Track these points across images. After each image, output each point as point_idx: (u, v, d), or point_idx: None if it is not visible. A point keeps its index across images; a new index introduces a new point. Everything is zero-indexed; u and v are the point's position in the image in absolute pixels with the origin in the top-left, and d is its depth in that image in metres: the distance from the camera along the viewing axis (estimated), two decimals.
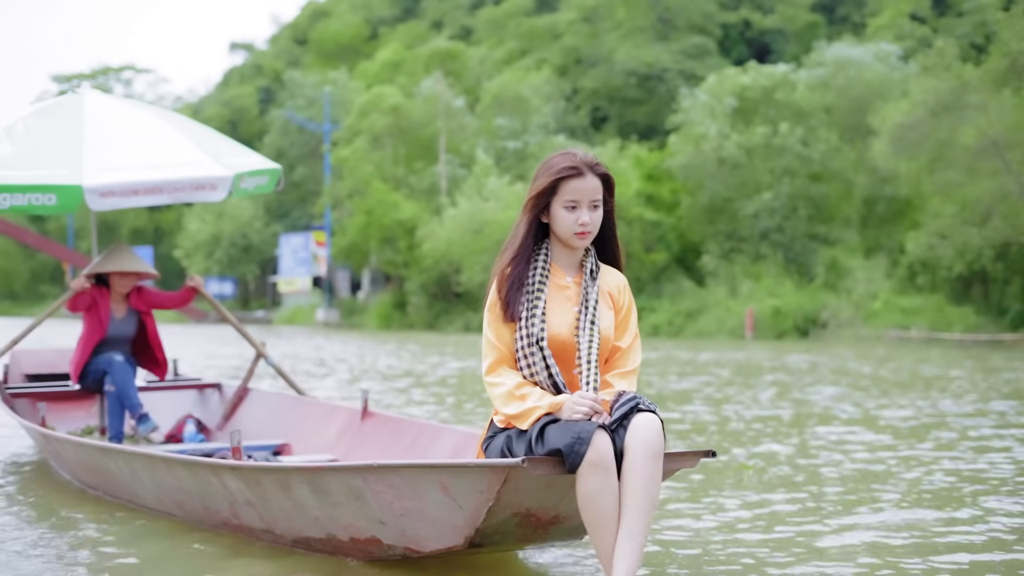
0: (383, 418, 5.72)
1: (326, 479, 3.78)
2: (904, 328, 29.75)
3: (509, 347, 3.54)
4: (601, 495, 3.24)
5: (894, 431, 8.38)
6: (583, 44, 52.25)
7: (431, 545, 3.61)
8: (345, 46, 65.60)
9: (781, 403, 10.77)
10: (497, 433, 3.54)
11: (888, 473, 6.25)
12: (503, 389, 3.47)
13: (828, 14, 53.77)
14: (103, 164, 6.04)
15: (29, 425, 5.95)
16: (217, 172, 6.17)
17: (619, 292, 3.63)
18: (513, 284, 3.53)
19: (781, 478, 6.03)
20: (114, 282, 6.43)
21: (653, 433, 3.28)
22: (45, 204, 5.79)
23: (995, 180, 28.63)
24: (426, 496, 3.50)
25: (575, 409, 3.33)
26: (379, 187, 43.33)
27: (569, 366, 3.52)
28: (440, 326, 39.69)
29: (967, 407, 10.37)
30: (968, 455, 7.06)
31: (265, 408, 6.72)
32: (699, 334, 32.27)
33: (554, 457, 3.27)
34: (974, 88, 28.04)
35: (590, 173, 3.51)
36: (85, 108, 6.45)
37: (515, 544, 3.68)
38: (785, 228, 35.04)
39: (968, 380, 14.07)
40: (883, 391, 12.16)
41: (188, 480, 4.55)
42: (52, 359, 7.64)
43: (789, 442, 7.64)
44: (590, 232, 3.53)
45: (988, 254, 28.96)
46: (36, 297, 71.06)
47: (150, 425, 6.23)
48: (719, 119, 35.58)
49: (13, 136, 6.17)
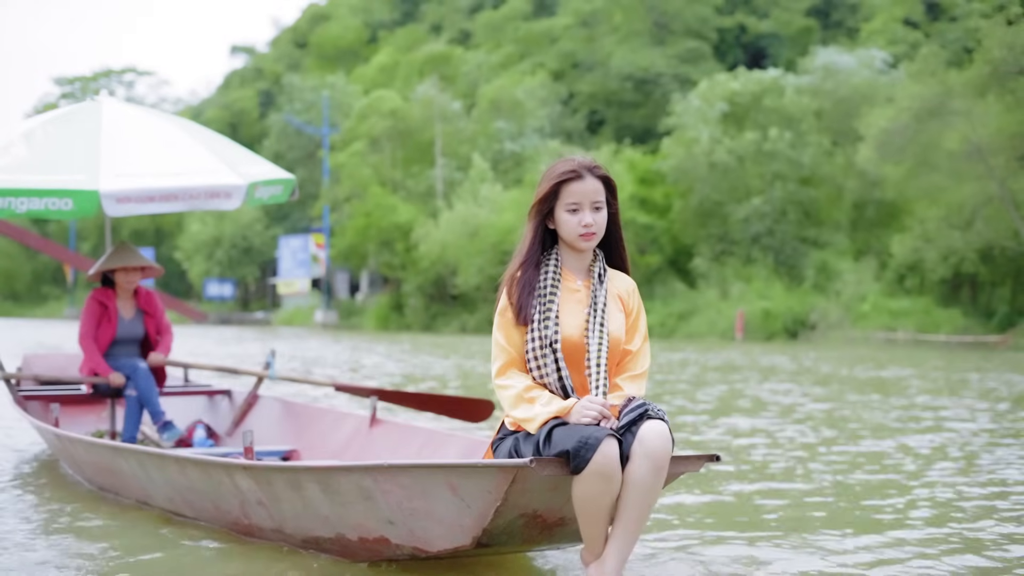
0: (391, 425, 5.78)
1: (337, 479, 3.83)
2: (891, 330, 30.22)
3: (519, 350, 3.59)
4: (599, 501, 3.33)
5: (799, 421, 9.13)
6: (580, 48, 52.66)
7: (439, 545, 3.66)
8: (344, 50, 66.03)
9: (721, 398, 11.40)
10: (507, 435, 3.61)
11: (769, 458, 6.88)
12: (512, 392, 3.54)
13: (823, 19, 54.15)
14: (120, 170, 6.07)
15: (43, 426, 5.99)
16: (232, 181, 6.23)
17: (629, 295, 3.71)
18: (524, 288, 3.59)
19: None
20: (120, 279, 6.50)
21: (661, 442, 3.33)
22: (62, 209, 5.82)
23: (978, 184, 29.13)
24: (435, 496, 3.55)
25: (584, 413, 3.39)
26: (377, 190, 43.84)
27: (578, 368, 3.57)
28: (436, 327, 40.18)
29: (896, 401, 11.07)
30: (849, 441, 7.84)
31: (274, 415, 6.75)
32: (690, 335, 32.71)
33: (561, 459, 3.33)
34: (958, 94, 28.53)
35: (589, 175, 3.59)
36: (103, 115, 6.52)
37: (521, 545, 3.72)
38: (775, 231, 35.48)
39: (924, 379, 14.61)
40: (830, 389, 12.71)
41: (200, 480, 4.59)
42: (64, 363, 7.68)
43: (706, 431, 8.37)
44: (595, 233, 3.60)
45: (971, 257, 29.46)
46: (38, 298, 71.45)
47: (176, 433, 6.25)
48: (710, 124, 36.05)
49: (32, 141, 6.23)
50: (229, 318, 55.24)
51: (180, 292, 65.05)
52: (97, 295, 6.50)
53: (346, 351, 22.72)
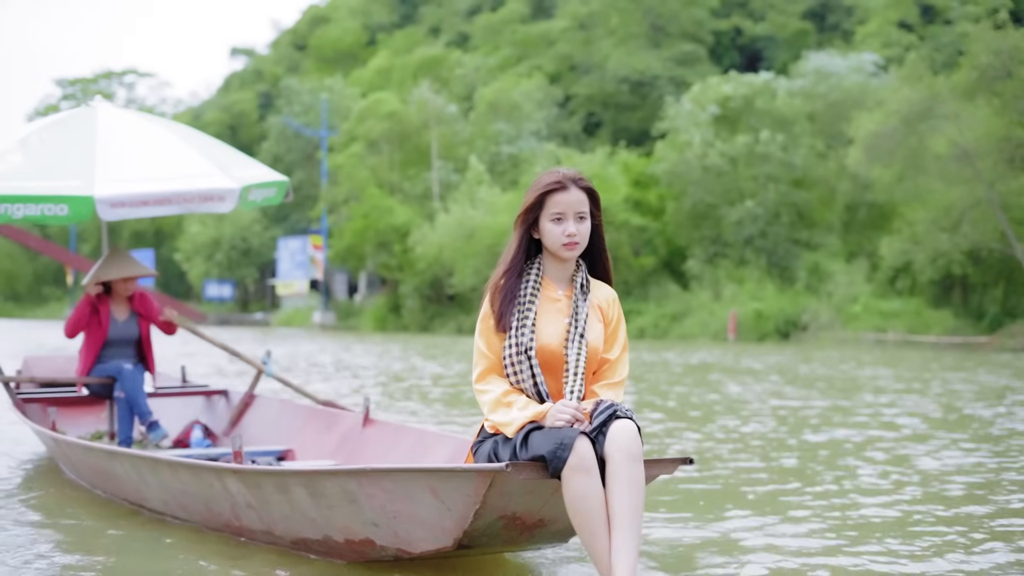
0: (384, 424, 5.89)
1: (322, 482, 3.94)
2: (881, 331, 30.52)
3: (499, 356, 3.70)
4: (587, 498, 3.39)
5: (778, 419, 9.56)
6: (577, 51, 52.94)
7: (422, 546, 3.77)
8: (344, 52, 66.25)
9: (683, 396, 11.88)
10: (486, 438, 3.71)
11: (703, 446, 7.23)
12: (491, 396, 3.65)
13: (818, 21, 54.46)
14: (114, 175, 6.13)
15: (40, 429, 6.05)
16: (225, 184, 6.30)
17: (609, 306, 3.79)
18: (506, 296, 3.69)
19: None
20: (117, 286, 6.64)
21: (630, 438, 3.42)
22: (57, 214, 5.88)
23: (966, 188, 29.45)
24: (417, 499, 3.65)
25: (557, 417, 3.49)
26: (374, 192, 44.19)
27: (557, 376, 3.67)
28: (433, 328, 40.54)
29: (850, 399, 11.51)
30: (781, 432, 8.41)
31: (271, 414, 6.86)
32: (683, 336, 32.98)
33: (538, 462, 3.43)
34: (945, 99, 28.86)
35: (574, 186, 3.68)
36: (98, 121, 6.57)
37: (502, 546, 3.82)
38: (768, 233, 35.74)
39: (895, 378, 14.93)
40: (795, 389, 13.06)
41: (192, 483, 4.69)
42: (63, 365, 7.77)
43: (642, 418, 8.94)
44: (578, 243, 3.69)
45: (959, 259, 29.79)
46: (39, 299, 71.74)
47: (160, 433, 6.39)
48: (701, 127, 36.35)
49: (27, 148, 6.29)
50: (228, 319, 55.55)
51: (180, 293, 65.36)
52: (90, 298, 6.62)
53: (329, 352, 23.02)
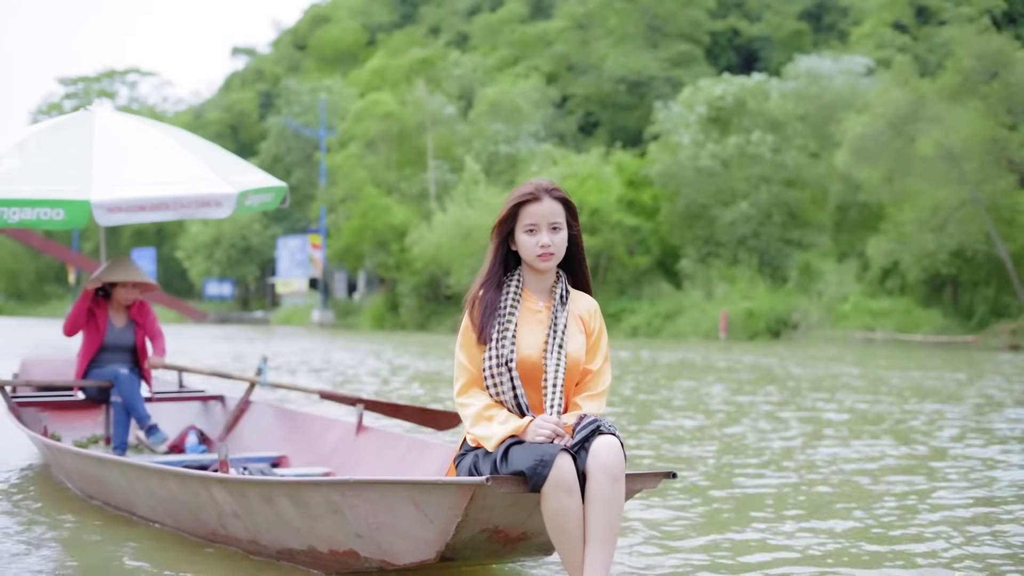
0: (376, 432, 5.91)
1: (306, 493, 3.94)
2: (870, 330, 30.89)
3: (480, 369, 3.66)
4: (566, 515, 3.37)
5: (707, 414, 10.08)
6: (574, 51, 53.30)
7: (405, 558, 3.75)
8: (344, 52, 66.61)
9: (653, 392, 12.33)
10: (468, 451, 3.68)
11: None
12: (472, 410, 3.62)
13: (814, 22, 54.81)
14: (111, 180, 6.10)
15: (32, 434, 6.04)
16: (222, 189, 6.29)
17: (590, 316, 3.75)
18: (485, 308, 3.66)
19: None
20: (118, 292, 6.67)
21: (613, 455, 3.39)
22: (53, 219, 5.90)
23: (952, 189, 29.86)
24: (399, 511, 3.64)
25: (538, 432, 3.46)
26: (372, 192, 44.60)
27: (537, 388, 3.63)
28: (431, 327, 40.98)
29: (809, 397, 11.96)
30: (737, 427, 8.86)
31: (265, 421, 6.86)
32: (675, 335, 33.35)
33: (518, 476, 3.40)
34: (931, 101, 29.26)
35: (547, 197, 3.65)
36: (95, 125, 6.56)
37: (485, 559, 3.82)
38: (760, 233, 36.11)
39: (863, 377, 15.33)
40: (759, 387, 13.52)
41: (179, 491, 4.69)
42: (61, 368, 7.68)
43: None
44: (552, 254, 3.66)
45: (945, 259, 30.19)
46: (41, 297, 72.26)
47: (160, 437, 6.39)
48: (691, 129, 36.71)
49: (25, 151, 6.28)
50: (228, 317, 55.99)
51: (181, 291, 65.82)
52: (90, 295, 6.67)
53: (317, 352, 23.44)
